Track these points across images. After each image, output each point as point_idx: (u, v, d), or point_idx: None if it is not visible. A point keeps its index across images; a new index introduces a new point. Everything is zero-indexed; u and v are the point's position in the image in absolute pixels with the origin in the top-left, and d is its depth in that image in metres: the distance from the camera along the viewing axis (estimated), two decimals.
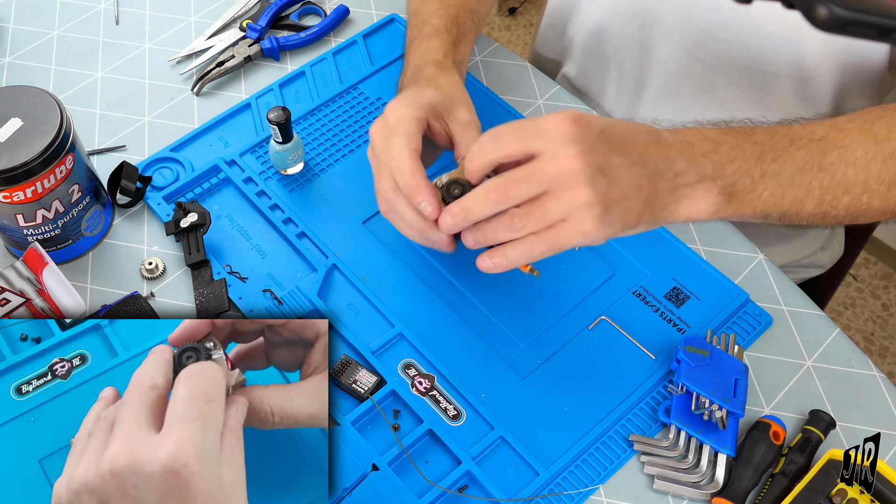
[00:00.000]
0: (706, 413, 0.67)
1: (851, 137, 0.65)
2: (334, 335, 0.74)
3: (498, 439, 0.69)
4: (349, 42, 0.96)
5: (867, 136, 0.65)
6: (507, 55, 0.96)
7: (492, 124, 0.88)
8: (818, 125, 0.66)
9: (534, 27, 2.14)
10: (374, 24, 0.98)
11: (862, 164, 0.64)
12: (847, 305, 1.82)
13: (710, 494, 0.66)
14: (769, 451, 0.66)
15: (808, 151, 0.64)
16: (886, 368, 1.73)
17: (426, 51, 0.77)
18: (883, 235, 1.85)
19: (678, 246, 0.80)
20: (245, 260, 0.80)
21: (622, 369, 0.73)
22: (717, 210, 0.62)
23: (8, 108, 0.73)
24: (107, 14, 1.02)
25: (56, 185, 0.73)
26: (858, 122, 0.66)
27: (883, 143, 0.65)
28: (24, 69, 0.97)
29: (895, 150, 0.65)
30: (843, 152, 0.64)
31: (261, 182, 0.84)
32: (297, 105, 0.91)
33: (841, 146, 0.65)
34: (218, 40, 0.97)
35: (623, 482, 0.68)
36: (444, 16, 0.81)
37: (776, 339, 0.75)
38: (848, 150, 0.64)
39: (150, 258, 0.80)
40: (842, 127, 0.66)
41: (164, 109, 0.92)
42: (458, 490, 0.67)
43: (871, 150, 0.65)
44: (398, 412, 0.71)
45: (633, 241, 0.80)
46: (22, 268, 0.75)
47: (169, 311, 0.77)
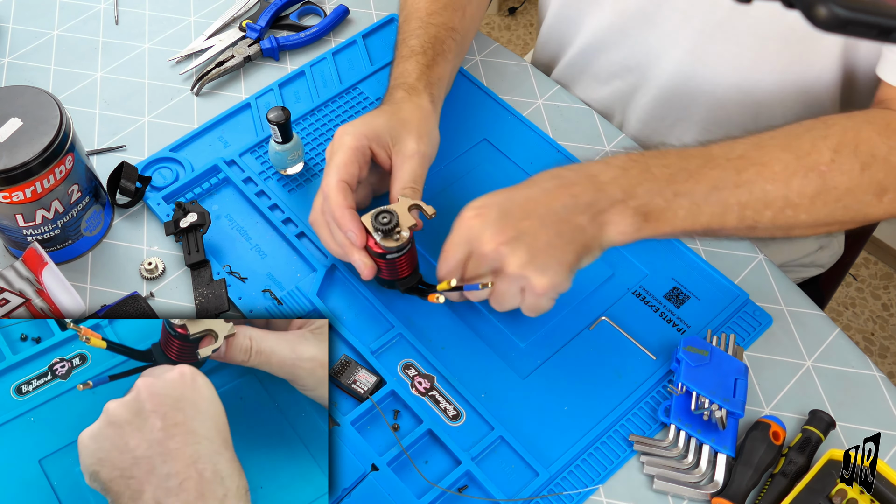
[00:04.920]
0: (706, 413, 0.67)
1: (771, 154, 0.67)
2: (334, 335, 0.74)
3: (498, 439, 0.69)
4: (349, 42, 0.96)
5: (788, 152, 0.66)
6: (507, 55, 0.96)
7: (492, 124, 0.88)
8: (738, 143, 0.68)
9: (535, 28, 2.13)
10: (374, 24, 0.98)
11: (781, 180, 0.66)
12: (847, 305, 1.82)
13: (710, 494, 0.66)
14: (769, 451, 0.66)
15: (723, 170, 0.66)
16: (886, 368, 1.73)
17: (401, 73, 0.80)
18: (883, 235, 1.85)
19: (678, 246, 0.80)
20: (245, 260, 0.80)
21: (622, 369, 0.73)
22: (637, 230, 0.66)
23: (8, 108, 0.73)
24: (106, 14, 1.02)
25: (56, 185, 0.73)
26: (782, 137, 0.68)
27: (804, 158, 0.66)
28: (24, 69, 0.97)
29: (817, 164, 0.66)
30: (760, 169, 0.66)
31: (260, 182, 0.84)
32: (296, 105, 0.91)
33: (759, 163, 0.66)
34: (218, 40, 0.97)
35: (623, 482, 0.68)
36: (422, 35, 0.82)
37: (776, 339, 0.75)
38: (766, 166, 0.66)
39: (150, 258, 0.80)
40: (763, 144, 0.67)
41: (164, 109, 0.92)
42: (457, 490, 0.67)
43: (791, 164, 0.66)
44: (398, 412, 0.71)
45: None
46: (22, 268, 0.75)
47: (168, 311, 0.77)
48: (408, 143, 0.73)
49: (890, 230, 1.83)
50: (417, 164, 0.73)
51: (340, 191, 0.70)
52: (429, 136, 0.75)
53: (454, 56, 0.84)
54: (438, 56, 0.81)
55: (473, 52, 0.96)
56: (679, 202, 0.66)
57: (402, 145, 0.73)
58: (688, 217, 0.66)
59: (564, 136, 0.88)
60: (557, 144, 0.87)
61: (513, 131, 0.88)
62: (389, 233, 0.68)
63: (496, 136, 0.88)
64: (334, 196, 0.70)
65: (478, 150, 0.87)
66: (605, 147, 0.88)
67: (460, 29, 0.85)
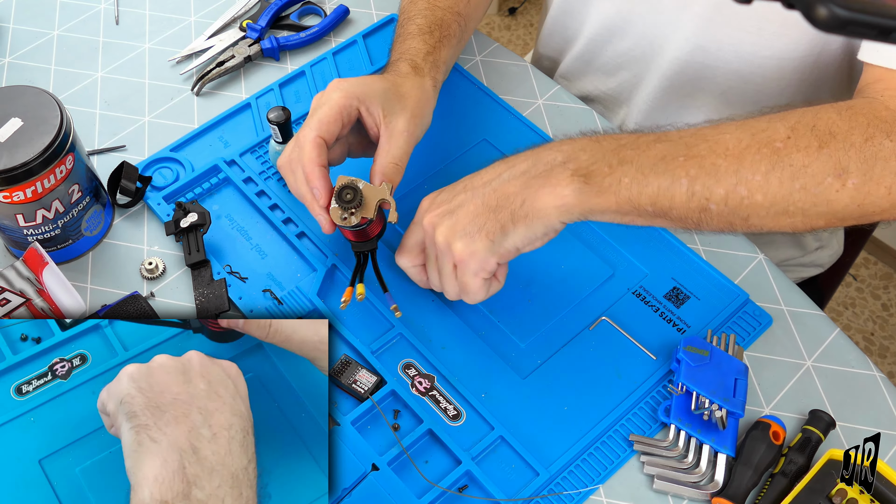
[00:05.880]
0: (706, 413, 0.67)
1: (726, 132, 0.64)
2: (334, 335, 0.74)
3: (498, 439, 0.69)
4: (349, 42, 0.96)
5: (743, 130, 0.64)
6: (507, 55, 0.96)
7: (492, 125, 0.88)
8: (695, 127, 0.66)
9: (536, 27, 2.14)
10: (374, 24, 0.98)
11: (734, 155, 0.62)
12: (847, 305, 1.82)
13: (710, 494, 0.66)
14: (769, 451, 0.66)
15: (674, 144, 0.64)
16: (886, 368, 1.73)
17: (406, 49, 0.80)
18: (883, 235, 1.85)
19: (678, 246, 0.80)
20: (245, 260, 0.80)
21: (622, 369, 0.73)
22: (577, 192, 0.63)
23: (8, 108, 0.73)
24: (107, 14, 1.02)
25: (56, 185, 0.73)
26: (741, 119, 0.66)
27: (759, 134, 0.63)
28: (24, 69, 0.97)
29: (771, 140, 0.63)
30: (712, 145, 0.63)
31: (261, 182, 0.84)
32: (297, 105, 0.91)
33: (711, 140, 0.64)
34: (218, 40, 0.97)
35: (623, 482, 0.68)
36: (429, 16, 0.82)
37: (776, 339, 0.75)
38: (719, 143, 0.63)
39: (150, 258, 0.80)
40: (719, 125, 0.65)
41: (164, 109, 0.92)
42: (458, 490, 0.67)
43: (744, 140, 0.63)
44: (398, 412, 0.71)
45: (633, 240, 0.80)
46: (22, 268, 0.75)
47: (169, 311, 0.77)
48: (400, 119, 0.73)
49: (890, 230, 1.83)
50: (405, 142, 0.73)
51: (316, 146, 0.70)
52: (422, 118, 0.75)
53: (458, 41, 0.84)
54: (444, 38, 0.81)
55: (473, 53, 0.96)
56: (623, 169, 0.63)
57: (394, 120, 0.73)
58: (633, 185, 0.63)
59: (564, 135, 0.88)
60: None
61: (513, 131, 0.88)
62: (345, 207, 0.69)
63: (496, 136, 0.88)
64: (308, 149, 0.70)
65: (478, 150, 0.87)
66: None
67: (465, 14, 0.85)
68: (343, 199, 0.69)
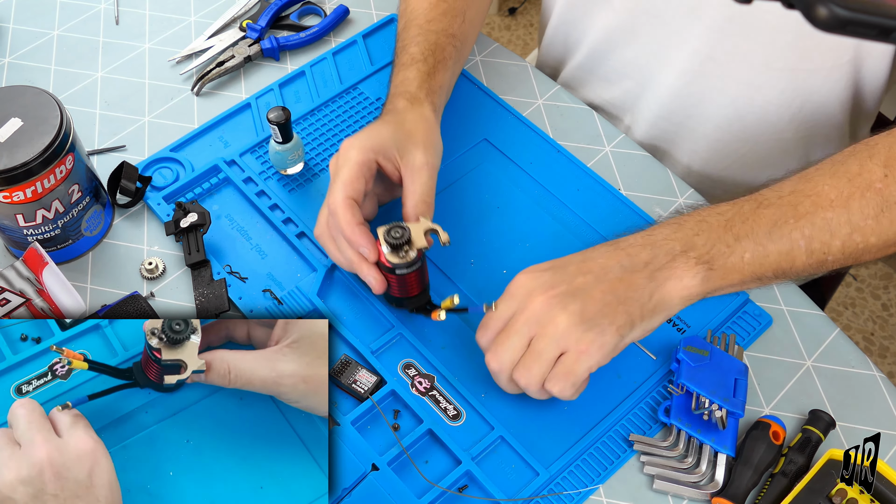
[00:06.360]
0: (706, 413, 0.67)
1: (822, 183, 0.65)
2: (334, 335, 0.74)
3: (498, 439, 0.69)
4: (349, 42, 0.96)
5: (838, 178, 0.65)
6: (507, 55, 0.96)
7: (492, 125, 0.88)
8: (785, 183, 0.66)
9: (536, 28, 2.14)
10: (374, 24, 0.98)
11: (840, 205, 0.63)
12: (847, 305, 1.82)
13: (710, 494, 0.66)
14: (769, 451, 0.66)
15: (778, 208, 0.64)
16: (886, 368, 1.73)
17: (402, 81, 0.79)
18: None
19: None
20: (245, 260, 0.80)
21: (622, 369, 0.73)
22: (703, 280, 0.63)
23: (8, 108, 0.73)
24: (107, 14, 1.02)
25: (56, 185, 0.73)
26: (827, 166, 0.66)
27: (856, 178, 0.64)
28: (24, 69, 0.97)
29: (871, 182, 0.64)
30: (816, 199, 0.64)
31: (261, 182, 0.84)
32: (297, 105, 0.91)
33: (812, 194, 0.64)
34: (218, 40, 0.97)
35: (623, 482, 0.68)
36: (422, 42, 0.81)
37: (776, 339, 0.75)
38: (821, 196, 0.64)
39: (150, 258, 0.80)
40: (810, 176, 0.66)
41: (164, 109, 0.92)
42: (457, 490, 0.67)
43: (844, 189, 0.64)
44: (398, 412, 0.71)
45: None
46: (22, 268, 0.75)
47: (169, 311, 0.77)
48: (416, 155, 0.73)
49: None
50: (428, 176, 0.73)
51: (348, 208, 0.69)
52: (434, 146, 0.75)
53: (454, 63, 0.84)
54: (439, 63, 0.81)
55: (474, 52, 0.96)
56: (742, 245, 0.63)
57: (411, 158, 0.73)
58: (754, 260, 0.64)
59: (564, 136, 0.88)
60: (557, 145, 0.87)
61: (513, 131, 0.88)
62: (398, 248, 0.68)
63: (496, 136, 0.88)
64: (342, 213, 0.69)
65: (478, 150, 0.87)
66: (606, 147, 0.88)
67: (460, 35, 0.84)
68: (393, 237, 0.67)
